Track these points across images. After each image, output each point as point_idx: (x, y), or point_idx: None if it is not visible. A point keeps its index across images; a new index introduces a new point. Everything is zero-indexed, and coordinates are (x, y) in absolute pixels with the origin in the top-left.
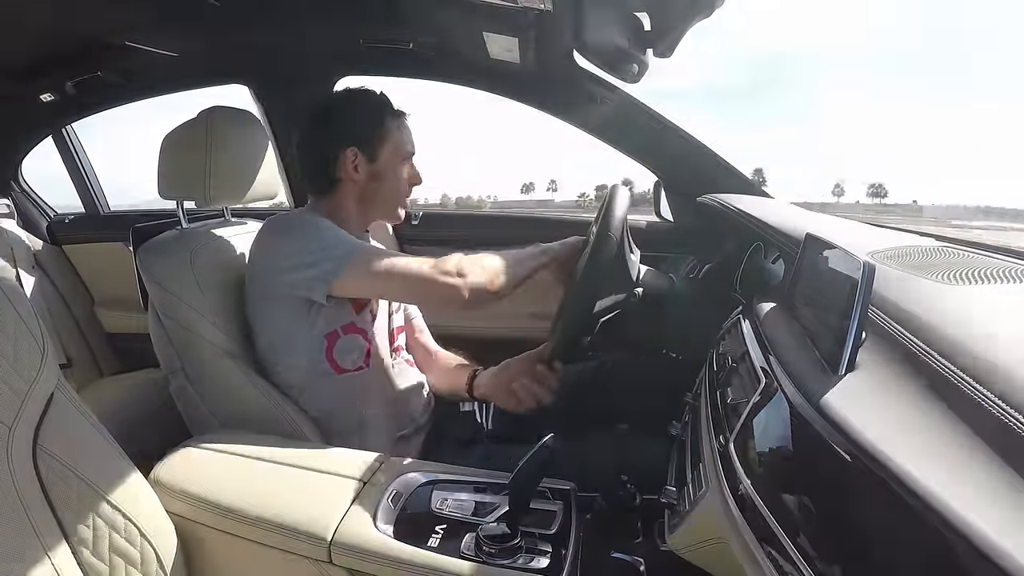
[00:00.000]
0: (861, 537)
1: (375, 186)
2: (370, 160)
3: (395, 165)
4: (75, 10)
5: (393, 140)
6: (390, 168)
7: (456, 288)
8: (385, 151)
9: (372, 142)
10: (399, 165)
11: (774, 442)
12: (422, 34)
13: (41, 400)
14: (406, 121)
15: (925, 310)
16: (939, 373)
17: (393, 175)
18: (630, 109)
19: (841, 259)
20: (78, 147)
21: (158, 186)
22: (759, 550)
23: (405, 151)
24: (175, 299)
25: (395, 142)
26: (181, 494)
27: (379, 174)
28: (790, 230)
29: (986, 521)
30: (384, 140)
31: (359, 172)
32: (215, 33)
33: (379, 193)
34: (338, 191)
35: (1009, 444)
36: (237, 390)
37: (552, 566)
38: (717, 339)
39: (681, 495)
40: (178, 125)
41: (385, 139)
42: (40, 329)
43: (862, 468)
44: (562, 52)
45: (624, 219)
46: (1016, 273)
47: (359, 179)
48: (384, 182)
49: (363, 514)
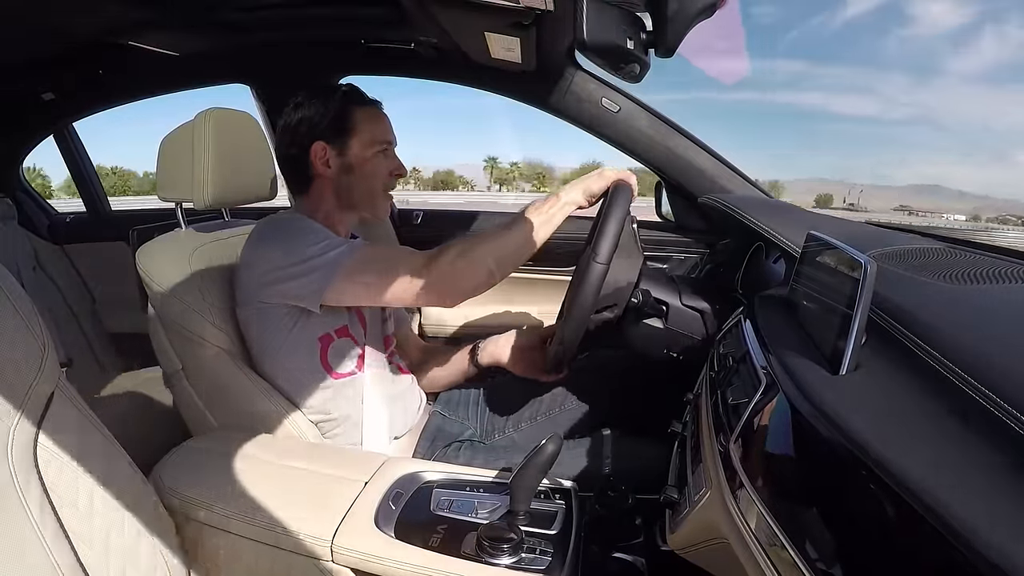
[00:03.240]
0: (862, 537)
1: (349, 179)
2: (340, 153)
3: (368, 156)
4: (76, 10)
5: (363, 130)
6: (362, 159)
7: (446, 296)
8: (355, 142)
9: (340, 134)
10: (372, 156)
11: (775, 442)
12: (423, 34)
13: (42, 399)
14: (380, 110)
15: (925, 310)
16: (939, 373)
17: (366, 166)
18: (632, 109)
19: (842, 259)
20: (79, 146)
21: (157, 188)
22: (759, 550)
23: (378, 141)
24: (175, 300)
25: (366, 132)
26: (181, 494)
27: (352, 166)
28: (791, 230)
29: (985, 523)
30: (353, 131)
31: (330, 166)
32: (216, 33)
33: (354, 186)
34: (314, 188)
35: (1009, 444)
36: (237, 390)
37: (553, 566)
38: (718, 339)
39: (682, 495)
40: (176, 127)
41: (353, 130)
42: (41, 328)
43: (863, 469)
44: (563, 52)
45: (620, 230)
46: (1016, 273)
47: (331, 173)
48: (358, 174)
49: (364, 514)
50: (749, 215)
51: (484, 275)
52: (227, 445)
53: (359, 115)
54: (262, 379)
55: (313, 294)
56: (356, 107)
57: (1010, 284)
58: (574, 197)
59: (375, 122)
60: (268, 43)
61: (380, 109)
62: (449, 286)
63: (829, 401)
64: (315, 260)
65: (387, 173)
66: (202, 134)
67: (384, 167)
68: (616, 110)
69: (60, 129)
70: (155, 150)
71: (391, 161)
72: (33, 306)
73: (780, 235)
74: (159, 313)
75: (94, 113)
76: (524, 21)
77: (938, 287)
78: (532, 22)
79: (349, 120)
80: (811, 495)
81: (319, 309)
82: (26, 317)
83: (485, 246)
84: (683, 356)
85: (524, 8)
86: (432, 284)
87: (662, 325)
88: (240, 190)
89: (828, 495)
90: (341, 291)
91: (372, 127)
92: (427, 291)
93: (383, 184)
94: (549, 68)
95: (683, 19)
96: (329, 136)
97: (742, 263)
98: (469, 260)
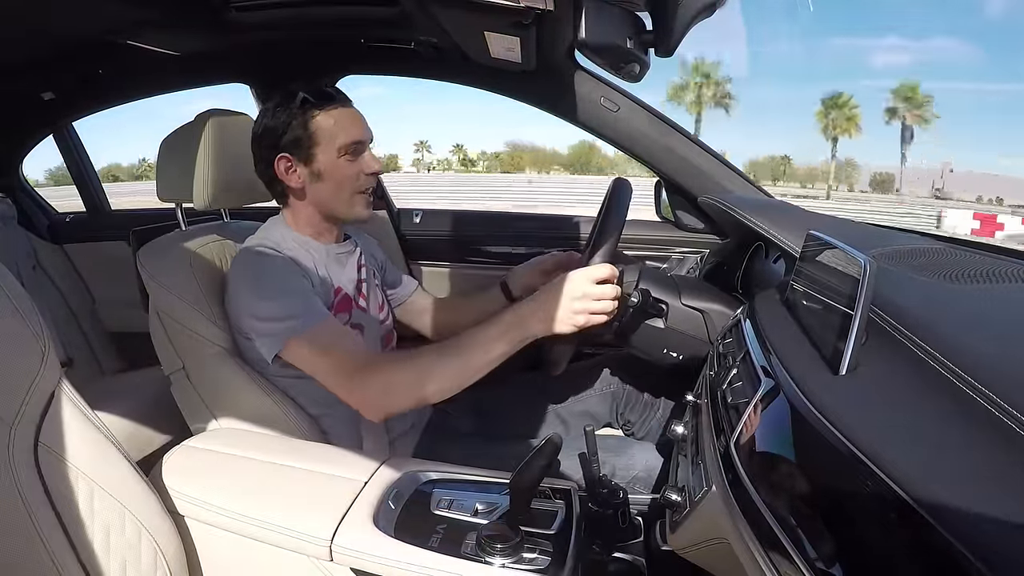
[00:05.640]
0: (861, 537)
1: (320, 187)
2: (305, 162)
3: (335, 161)
4: (76, 10)
5: (326, 136)
6: (330, 164)
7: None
8: (319, 150)
9: (301, 144)
10: (340, 160)
11: (775, 442)
12: (423, 33)
13: (42, 399)
14: (345, 109)
15: (925, 310)
16: (939, 373)
17: (336, 172)
18: (631, 109)
19: (842, 259)
20: (79, 146)
21: (157, 189)
22: (759, 550)
23: (344, 142)
24: (175, 299)
25: (329, 137)
26: (181, 493)
27: (320, 173)
28: (791, 230)
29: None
30: (314, 139)
31: (299, 177)
32: (216, 33)
33: (327, 193)
34: (291, 200)
35: (1009, 443)
36: (238, 389)
37: (553, 566)
38: (718, 339)
39: (682, 495)
40: (176, 128)
41: (315, 137)
42: (41, 328)
43: (862, 468)
44: (563, 52)
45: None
46: (1016, 273)
47: (301, 185)
48: (327, 180)
49: (364, 513)
50: (749, 215)
51: (411, 403)
52: (227, 445)
53: (320, 121)
54: (263, 377)
55: (265, 355)
56: (317, 112)
57: (1010, 284)
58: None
59: (340, 124)
60: (268, 43)
61: (347, 107)
62: (371, 411)
63: (829, 401)
64: (272, 324)
65: (358, 174)
66: (202, 135)
67: (354, 170)
68: (616, 109)
69: (60, 129)
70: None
71: (361, 162)
72: (33, 305)
73: (780, 235)
74: (160, 313)
75: (94, 113)
76: (524, 21)
77: (938, 287)
78: (532, 22)
79: (309, 128)
80: (811, 495)
81: (271, 361)
82: (26, 316)
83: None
84: (683, 356)
85: (524, 8)
86: (354, 401)
87: (662, 325)
88: (239, 191)
89: (828, 495)
90: (288, 358)
91: (337, 131)
92: (351, 402)
93: (355, 187)
94: (549, 68)
95: (683, 19)
96: (291, 148)
97: (742, 263)
98: (394, 394)
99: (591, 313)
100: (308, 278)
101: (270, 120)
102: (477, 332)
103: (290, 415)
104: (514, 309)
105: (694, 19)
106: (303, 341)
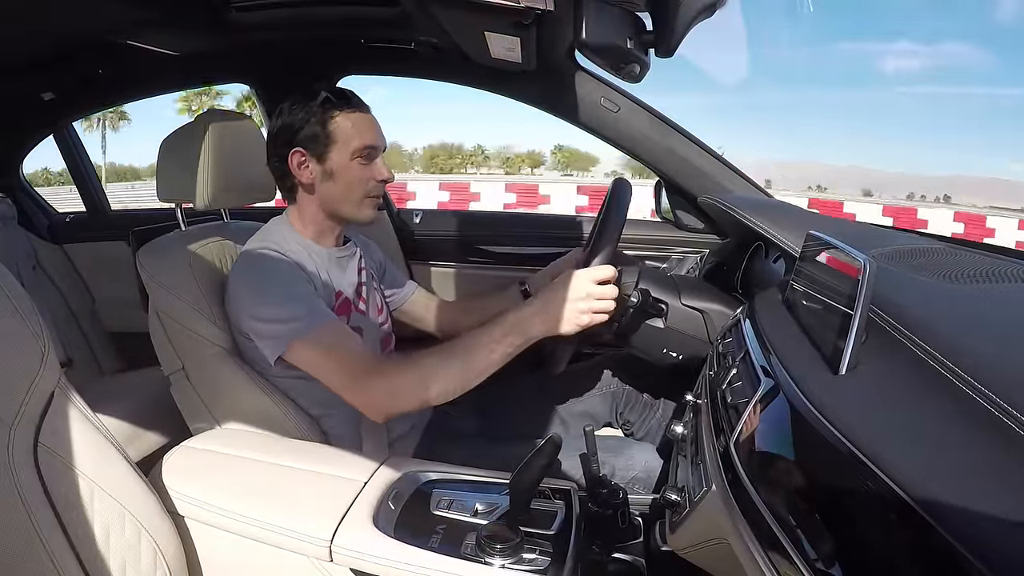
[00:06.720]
0: (860, 537)
1: (330, 186)
2: (319, 159)
3: (348, 163)
4: (76, 10)
5: (343, 137)
6: (343, 165)
7: (370, 415)
8: (335, 149)
9: (317, 141)
10: (353, 163)
11: (775, 442)
12: (423, 34)
13: (42, 399)
14: (365, 114)
15: (925, 310)
16: (939, 373)
17: (347, 173)
18: (631, 109)
19: (842, 259)
20: (79, 146)
21: (157, 189)
22: (759, 550)
23: (359, 145)
24: (175, 299)
25: (346, 139)
26: (181, 494)
27: (332, 172)
28: (791, 230)
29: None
30: (331, 138)
31: (311, 173)
32: (216, 33)
33: (336, 193)
34: (299, 196)
35: (1009, 443)
36: (237, 390)
37: (552, 566)
38: (718, 339)
39: (682, 495)
40: (176, 129)
41: (332, 136)
42: (41, 328)
43: (862, 468)
44: (563, 52)
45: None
46: (1016, 273)
47: (311, 181)
48: (338, 181)
49: (364, 514)
50: (749, 215)
51: (415, 405)
52: (227, 445)
53: (339, 121)
54: (263, 378)
55: (268, 356)
56: (337, 113)
57: (1010, 284)
58: (534, 334)
59: (357, 128)
60: (268, 43)
61: (365, 112)
62: (375, 412)
63: (829, 401)
64: (275, 326)
65: (369, 179)
66: (202, 135)
67: (366, 174)
68: (616, 110)
69: (60, 129)
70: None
71: (374, 167)
72: (33, 305)
73: (780, 235)
74: (160, 313)
75: (94, 113)
76: (524, 21)
77: (938, 287)
78: (532, 22)
79: (328, 127)
80: (810, 495)
81: (273, 363)
82: (26, 316)
83: (424, 376)
84: (683, 356)
85: (524, 8)
86: (359, 402)
87: (662, 325)
88: (239, 191)
89: (827, 495)
90: (292, 360)
91: (353, 133)
92: (355, 403)
93: (365, 191)
94: (549, 68)
95: (683, 19)
96: (307, 144)
97: (742, 263)
98: (398, 396)
99: (594, 313)
100: (311, 282)
101: (287, 116)
102: (480, 334)
103: (290, 415)
104: (516, 311)
105: (694, 19)
106: (307, 342)
